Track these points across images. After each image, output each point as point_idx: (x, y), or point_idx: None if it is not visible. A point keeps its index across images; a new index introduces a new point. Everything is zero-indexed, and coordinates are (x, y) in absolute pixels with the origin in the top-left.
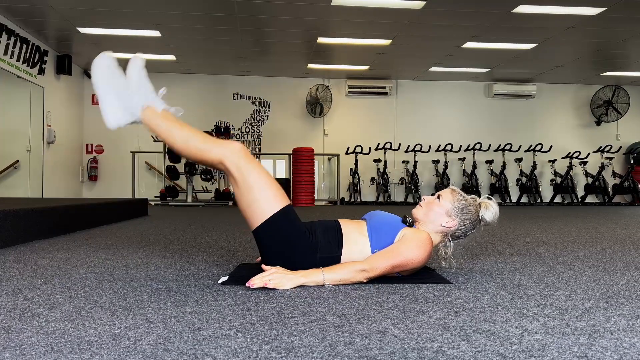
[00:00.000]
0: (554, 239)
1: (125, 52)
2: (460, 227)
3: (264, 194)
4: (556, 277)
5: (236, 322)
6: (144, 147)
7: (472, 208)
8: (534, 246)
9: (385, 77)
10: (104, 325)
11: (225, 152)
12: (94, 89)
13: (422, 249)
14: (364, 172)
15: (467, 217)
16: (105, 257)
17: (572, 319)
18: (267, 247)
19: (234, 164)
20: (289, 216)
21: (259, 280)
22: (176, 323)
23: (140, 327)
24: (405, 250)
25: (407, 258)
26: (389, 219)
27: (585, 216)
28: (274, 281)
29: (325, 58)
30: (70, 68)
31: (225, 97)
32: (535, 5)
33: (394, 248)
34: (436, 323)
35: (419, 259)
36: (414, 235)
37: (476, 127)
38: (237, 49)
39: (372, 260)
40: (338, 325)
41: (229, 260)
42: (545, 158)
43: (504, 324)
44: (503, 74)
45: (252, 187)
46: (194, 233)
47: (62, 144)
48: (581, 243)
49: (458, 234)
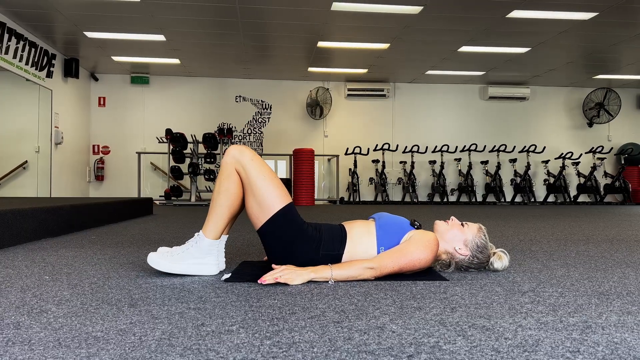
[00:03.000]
0: (547, 237)
1: (131, 55)
2: (468, 259)
3: (266, 193)
4: (549, 274)
5: (239, 318)
6: (149, 147)
7: (488, 252)
8: (528, 244)
9: (384, 80)
10: (110, 321)
11: (228, 160)
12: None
13: (430, 249)
14: (362, 173)
15: (479, 256)
16: (112, 255)
17: (565, 315)
18: (272, 245)
19: (239, 164)
20: (290, 213)
21: (270, 277)
22: (180, 319)
23: (146, 322)
24: (414, 251)
25: (414, 258)
26: (398, 221)
27: (577, 215)
28: (284, 277)
29: (325, 61)
30: (77, 71)
31: (228, 99)
32: (529, 11)
33: (402, 248)
34: (433, 319)
35: (427, 259)
36: (422, 236)
37: (472, 128)
38: (240, 52)
39: (381, 260)
40: (337, 321)
41: (232, 258)
42: (539, 159)
43: (498, 320)
44: (498, 77)
45: (255, 185)
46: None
47: (69, 144)
48: (573, 241)
49: (463, 264)
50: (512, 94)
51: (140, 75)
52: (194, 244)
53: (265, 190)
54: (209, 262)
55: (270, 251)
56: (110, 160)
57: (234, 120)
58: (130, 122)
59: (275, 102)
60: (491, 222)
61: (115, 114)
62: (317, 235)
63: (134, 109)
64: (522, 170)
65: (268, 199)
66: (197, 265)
